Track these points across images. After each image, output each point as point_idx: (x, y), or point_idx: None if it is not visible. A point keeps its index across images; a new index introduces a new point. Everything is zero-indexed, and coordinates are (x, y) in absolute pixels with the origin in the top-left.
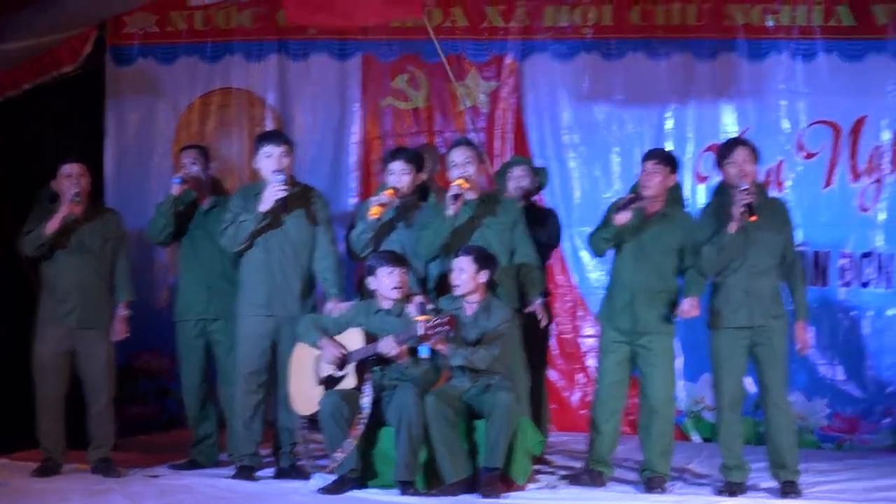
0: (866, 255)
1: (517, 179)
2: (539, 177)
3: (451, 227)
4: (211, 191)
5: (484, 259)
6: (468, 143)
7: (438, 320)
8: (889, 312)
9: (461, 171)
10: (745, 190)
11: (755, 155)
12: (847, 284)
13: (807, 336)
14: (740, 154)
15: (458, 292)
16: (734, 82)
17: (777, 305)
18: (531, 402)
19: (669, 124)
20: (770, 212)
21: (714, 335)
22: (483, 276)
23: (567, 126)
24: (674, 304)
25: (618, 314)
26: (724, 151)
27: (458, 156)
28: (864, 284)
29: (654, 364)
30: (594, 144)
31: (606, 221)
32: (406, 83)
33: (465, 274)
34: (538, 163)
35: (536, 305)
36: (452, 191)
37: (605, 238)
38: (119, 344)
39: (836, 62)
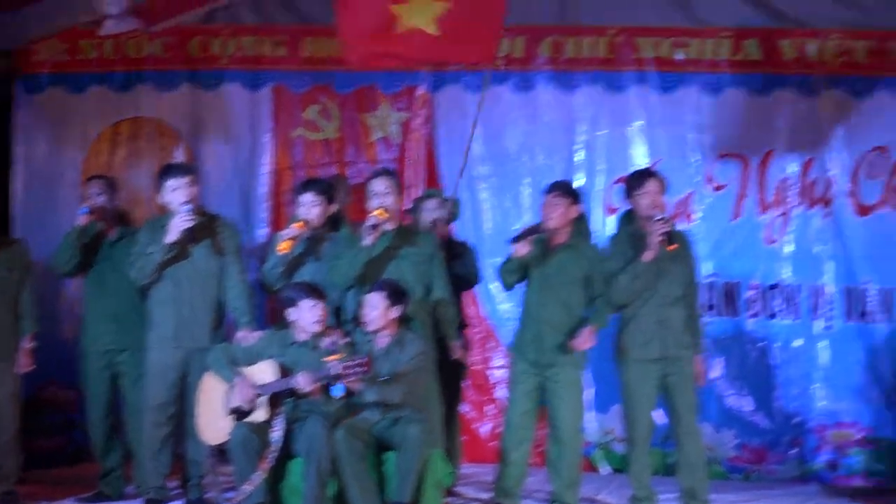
0: (773, 286)
1: (430, 211)
2: (451, 208)
3: (367, 257)
4: (118, 222)
5: (396, 295)
6: (389, 173)
7: (355, 362)
8: (795, 343)
9: (380, 201)
10: (661, 219)
11: (665, 186)
12: (755, 315)
13: (702, 368)
14: (652, 185)
15: (369, 328)
16: (645, 114)
17: (686, 336)
18: (445, 434)
19: (580, 156)
20: (678, 242)
21: (624, 367)
22: (395, 312)
23: (478, 157)
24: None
25: (526, 346)
26: (635, 182)
27: (379, 185)
28: (772, 316)
29: (561, 396)
30: (505, 176)
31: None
32: (317, 114)
33: (376, 311)
34: (449, 194)
35: (457, 348)
36: (370, 221)
37: (508, 270)
38: (26, 376)
39: (743, 96)
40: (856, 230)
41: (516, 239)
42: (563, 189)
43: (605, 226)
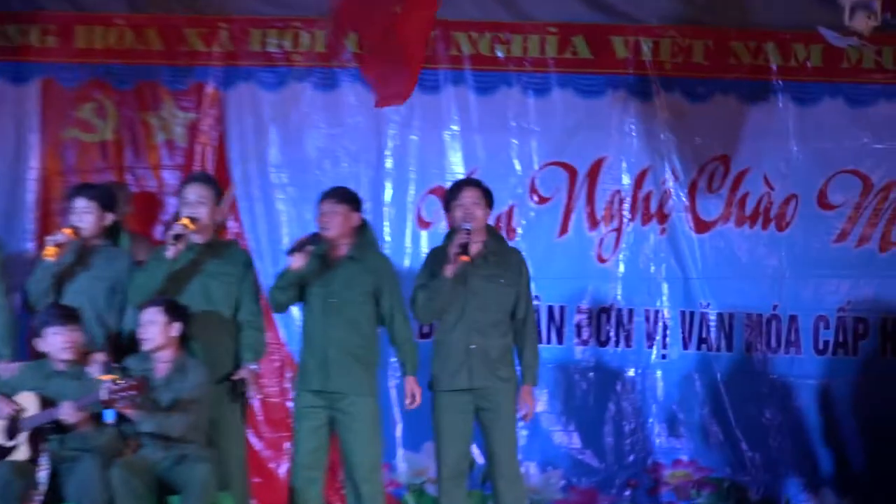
0: (605, 310)
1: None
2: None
3: (168, 271)
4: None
5: (175, 309)
6: (206, 179)
7: (125, 383)
8: (629, 373)
9: (191, 210)
10: (464, 230)
11: (486, 198)
12: (584, 343)
13: (533, 401)
14: (468, 196)
15: (147, 346)
16: (461, 117)
17: (505, 366)
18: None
19: (389, 163)
20: (501, 260)
21: (435, 399)
22: (175, 330)
23: (275, 164)
24: (375, 360)
25: (311, 375)
26: (452, 193)
27: (190, 194)
28: (603, 343)
29: (355, 430)
30: (305, 185)
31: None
32: (92, 112)
33: (154, 326)
34: (241, 206)
35: (245, 370)
36: (174, 230)
37: (280, 287)
38: None
39: (571, 98)
40: (694, 248)
41: (291, 250)
42: (340, 195)
43: (416, 241)
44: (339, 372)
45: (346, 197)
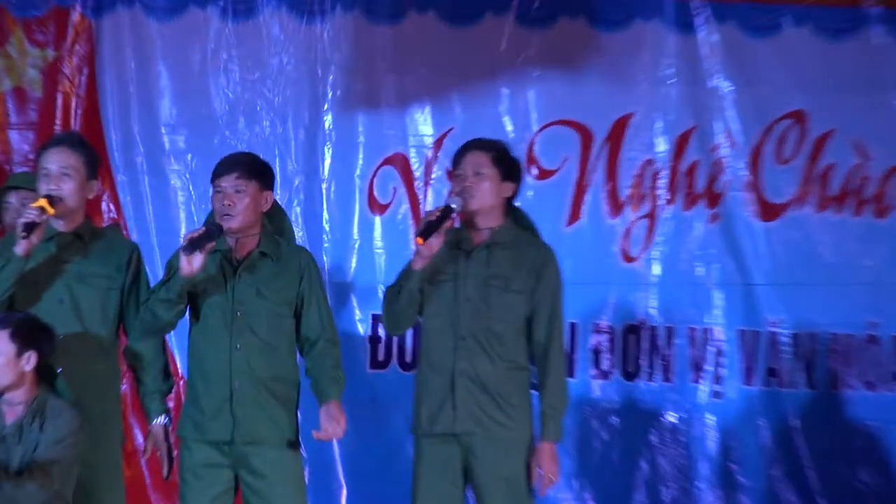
0: (633, 328)
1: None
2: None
3: (18, 272)
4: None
5: (29, 332)
6: (73, 142)
7: None
8: (668, 418)
9: (51, 186)
10: (443, 207)
11: (502, 166)
12: (605, 375)
13: (555, 465)
14: (470, 161)
15: None
16: (428, 54)
17: (509, 405)
18: None
19: (329, 121)
20: (512, 256)
21: (415, 444)
22: (28, 362)
23: (169, 122)
24: (296, 395)
25: (208, 419)
26: (455, 159)
27: (52, 163)
28: (631, 375)
29: (272, 491)
30: (210, 151)
31: (169, 269)
32: None
33: (1, 357)
34: (121, 180)
35: (154, 432)
36: (27, 216)
37: (165, 301)
38: None
39: (582, 29)
40: (758, 242)
41: (187, 248)
42: (246, 167)
43: (368, 231)
44: (249, 413)
45: (253, 169)
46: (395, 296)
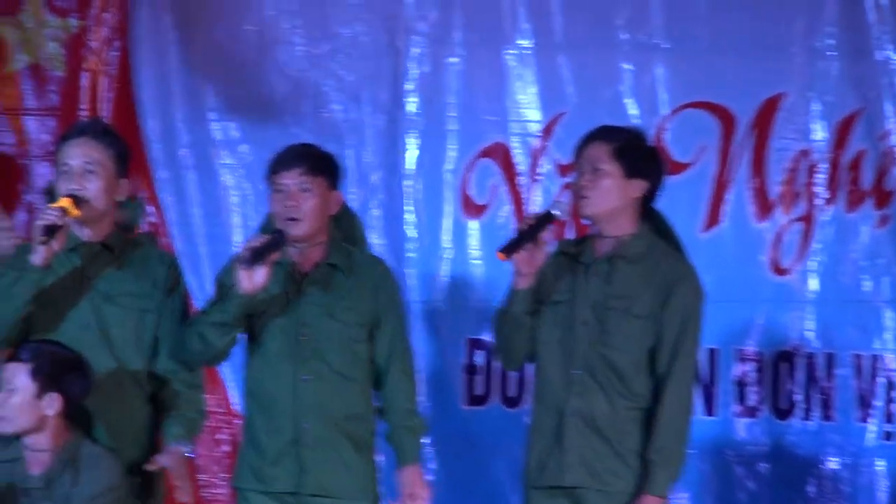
0: (786, 356)
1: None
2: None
3: (35, 286)
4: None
5: (57, 372)
6: (100, 131)
7: None
8: (830, 465)
9: (72, 183)
10: (544, 214)
11: (624, 160)
12: (751, 412)
13: None
14: (590, 154)
15: (2, 429)
16: (535, 26)
17: (628, 452)
18: None
19: (413, 104)
20: (637, 272)
21: (524, 498)
22: (52, 406)
23: (218, 106)
24: (372, 437)
25: (269, 465)
26: (576, 153)
27: (75, 155)
28: (784, 413)
29: None
30: (268, 143)
31: (220, 287)
32: None
33: (17, 396)
34: (161, 177)
35: (170, 456)
36: (45, 218)
37: (218, 325)
38: None
39: None
40: None
41: (248, 261)
42: (311, 161)
43: (461, 238)
44: (318, 458)
45: (321, 164)
46: (500, 322)
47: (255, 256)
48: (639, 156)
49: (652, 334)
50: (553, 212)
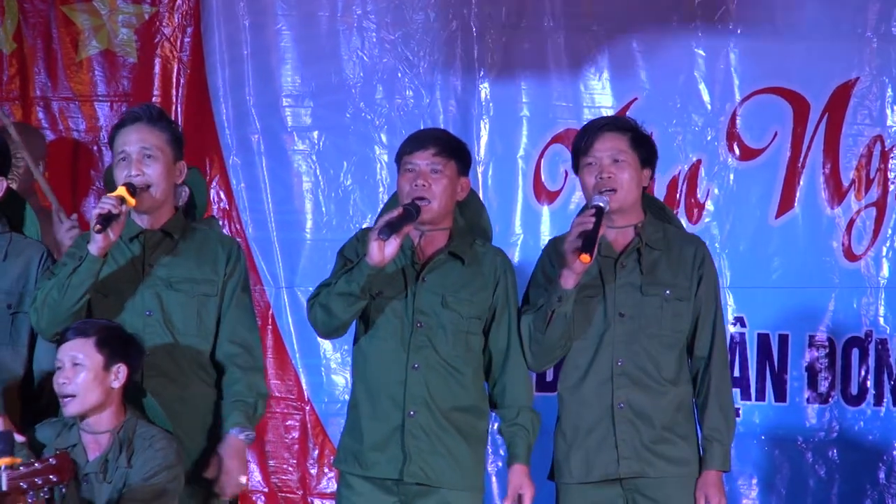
0: (857, 341)
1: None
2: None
3: (93, 275)
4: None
5: (119, 342)
6: (157, 117)
7: (34, 468)
8: None
9: (131, 170)
10: (593, 208)
11: (640, 150)
12: (822, 399)
13: (723, 497)
14: (606, 146)
15: (70, 409)
16: (606, 8)
17: (679, 439)
18: None
19: (485, 91)
20: (667, 259)
21: (559, 496)
22: (118, 377)
23: (295, 91)
24: (484, 430)
25: (373, 452)
26: (580, 141)
27: (131, 141)
28: (856, 400)
29: None
30: (342, 128)
31: (343, 261)
32: None
33: (85, 371)
34: (234, 163)
35: (229, 445)
36: (103, 206)
37: (343, 295)
38: None
39: None
40: None
41: (383, 230)
42: (446, 145)
43: (533, 223)
44: (424, 449)
45: (453, 148)
46: (543, 324)
47: (392, 227)
48: (649, 144)
49: (690, 316)
50: (601, 205)
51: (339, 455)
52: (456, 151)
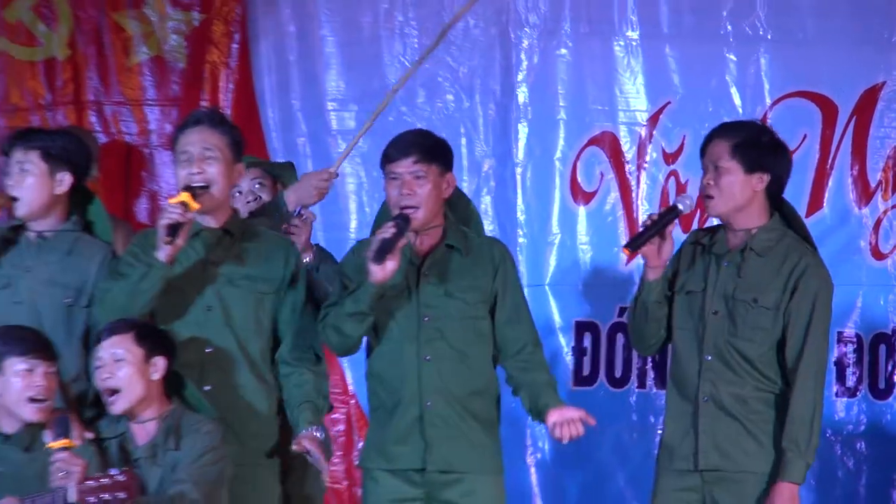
0: (884, 337)
1: (245, 193)
2: (283, 181)
3: (161, 282)
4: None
5: (156, 335)
6: (216, 120)
7: (102, 483)
8: None
9: (192, 170)
10: (674, 209)
11: (746, 156)
12: (850, 392)
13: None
14: (714, 152)
15: (118, 407)
16: (644, 16)
17: (758, 435)
18: None
19: (523, 94)
20: (769, 264)
21: (655, 479)
22: (157, 369)
23: (340, 95)
24: (497, 415)
25: (395, 444)
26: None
27: (193, 142)
28: (884, 394)
29: None
30: (385, 130)
31: (343, 278)
32: (31, 12)
33: (125, 367)
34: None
35: (306, 438)
36: (167, 216)
37: (352, 315)
38: None
39: None
40: None
41: (378, 253)
42: (425, 149)
43: (570, 223)
44: (444, 437)
45: (433, 150)
46: (633, 310)
47: (385, 249)
48: (757, 149)
49: (780, 326)
50: (679, 206)
51: (363, 454)
52: (436, 154)
